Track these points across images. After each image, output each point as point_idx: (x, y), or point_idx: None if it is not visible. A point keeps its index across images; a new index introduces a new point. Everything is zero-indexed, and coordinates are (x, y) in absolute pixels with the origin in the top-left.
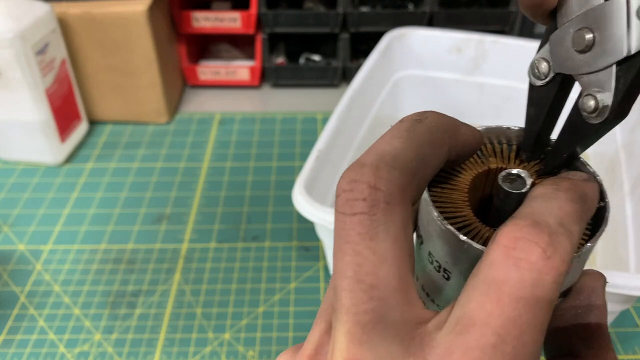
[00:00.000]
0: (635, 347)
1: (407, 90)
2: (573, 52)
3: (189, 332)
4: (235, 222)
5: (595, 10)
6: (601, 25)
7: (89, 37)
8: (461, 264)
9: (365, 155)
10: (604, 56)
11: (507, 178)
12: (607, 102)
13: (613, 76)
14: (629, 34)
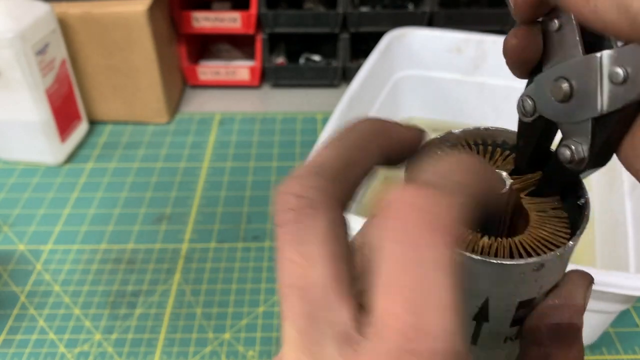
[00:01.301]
0: (635, 347)
1: (407, 90)
2: (553, 101)
3: (189, 332)
4: (236, 222)
5: (573, 62)
6: (578, 79)
7: (89, 37)
8: None
9: (297, 168)
10: (581, 109)
11: None
12: (583, 155)
13: (589, 130)
14: (601, 94)
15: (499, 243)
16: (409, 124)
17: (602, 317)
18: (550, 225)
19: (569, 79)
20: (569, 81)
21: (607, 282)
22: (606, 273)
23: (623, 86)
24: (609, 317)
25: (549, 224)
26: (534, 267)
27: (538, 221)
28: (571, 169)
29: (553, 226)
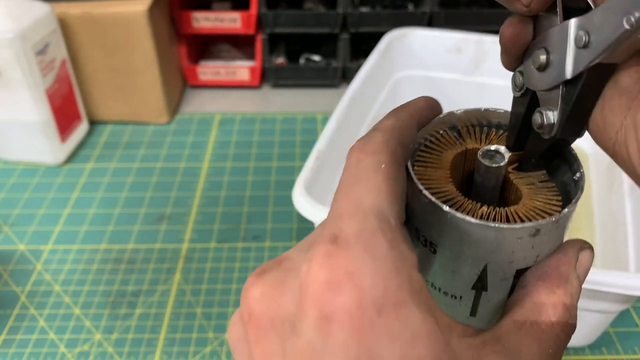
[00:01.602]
0: (635, 347)
1: (407, 91)
2: (534, 70)
3: (189, 332)
4: (236, 222)
5: (550, 32)
6: (554, 48)
7: (89, 37)
8: (446, 235)
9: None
10: (554, 76)
11: (486, 154)
12: (552, 120)
13: (559, 96)
14: (568, 58)
15: (497, 211)
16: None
17: (602, 317)
18: (542, 196)
19: (547, 47)
20: (547, 50)
21: (607, 282)
22: (606, 273)
23: (585, 50)
24: (608, 317)
25: (541, 195)
26: (530, 232)
27: (530, 193)
28: (542, 134)
29: (545, 196)
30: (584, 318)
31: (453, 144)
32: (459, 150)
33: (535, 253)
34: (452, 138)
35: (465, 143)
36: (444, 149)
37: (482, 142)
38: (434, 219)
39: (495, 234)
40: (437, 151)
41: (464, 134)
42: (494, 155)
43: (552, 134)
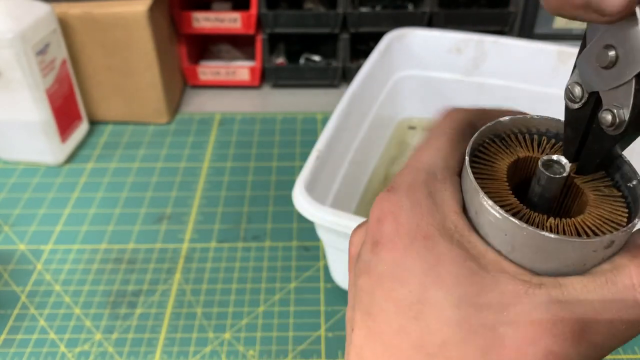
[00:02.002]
0: (635, 347)
1: (407, 91)
2: (599, 69)
3: (189, 332)
4: (236, 222)
5: (617, 27)
6: (623, 42)
7: (90, 38)
8: (518, 251)
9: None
10: (626, 70)
11: (546, 164)
12: (624, 117)
13: (632, 90)
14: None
15: (565, 223)
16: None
17: None
18: (607, 205)
19: (614, 44)
20: (615, 47)
21: None
22: None
23: None
24: None
25: (606, 203)
26: (606, 244)
27: (596, 200)
28: (612, 134)
29: (610, 205)
30: None
31: (503, 153)
32: (511, 160)
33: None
34: (501, 147)
35: (516, 152)
36: (495, 159)
37: (534, 151)
38: (505, 235)
39: (572, 248)
40: (490, 162)
41: (513, 143)
42: (552, 165)
43: (622, 129)
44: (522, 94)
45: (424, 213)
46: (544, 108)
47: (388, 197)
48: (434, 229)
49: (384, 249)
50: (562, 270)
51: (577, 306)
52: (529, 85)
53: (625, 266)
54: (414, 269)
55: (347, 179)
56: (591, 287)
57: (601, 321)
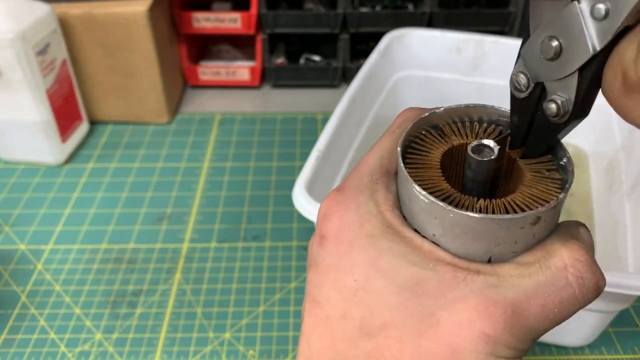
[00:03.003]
0: (635, 347)
1: (407, 91)
2: (543, 61)
3: (189, 332)
4: (236, 222)
5: (557, 18)
6: (564, 32)
7: (90, 38)
8: (449, 233)
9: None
10: (570, 63)
11: (476, 149)
12: (568, 107)
13: (575, 81)
14: (589, 35)
15: (494, 203)
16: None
17: (601, 317)
18: (542, 185)
19: (557, 35)
20: (557, 38)
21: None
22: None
23: (607, 19)
24: (608, 316)
25: (541, 184)
26: (532, 220)
27: (531, 180)
28: (556, 122)
29: (545, 185)
30: (583, 318)
31: (438, 142)
32: (445, 148)
33: (536, 240)
34: (437, 137)
35: (451, 140)
36: (431, 149)
37: (468, 137)
38: (435, 219)
39: (499, 226)
40: (425, 152)
41: (448, 132)
42: (482, 150)
43: (566, 118)
44: None
45: (367, 214)
46: None
47: (336, 196)
48: (377, 229)
49: (330, 243)
50: (493, 250)
51: (511, 291)
52: None
53: (557, 250)
54: (358, 261)
55: None
56: (525, 272)
57: (533, 304)
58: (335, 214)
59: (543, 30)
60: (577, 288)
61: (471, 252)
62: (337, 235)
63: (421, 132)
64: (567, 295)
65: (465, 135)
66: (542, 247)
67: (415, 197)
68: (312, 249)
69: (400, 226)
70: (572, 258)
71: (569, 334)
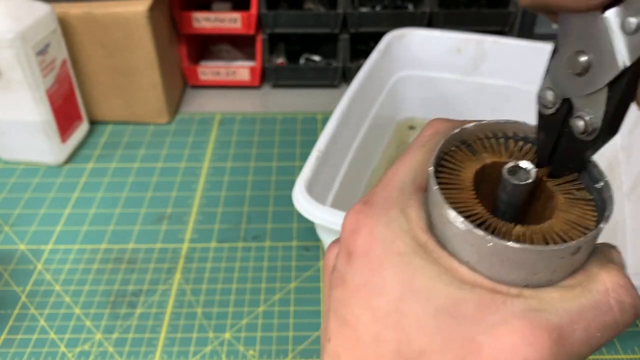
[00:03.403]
0: (635, 347)
1: (407, 91)
2: (571, 76)
3: (189, 332)
4: (236, 222)
5: (586, 32)
6: (593, 47)
7: (90, 38)
8: (486, 261)
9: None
10: (599, 77)
11: (511, 171)
12: (597, 124)
13: (604, 97)
14: (619, 49)
15: (532, 230)
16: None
17: None
18: (577, 208)
19: (585, 50)
20: (586, 53)
21: None
22: None
23: (638, 33)
24: None
25: (576, 207)
26: (572, 250)
27: (565, 204)
28: (584, 140)
29: (580, 209)
30: None
31: (470, 160)
32: (477, 166)
33: (574, 268)
34: (468, 154)
35: (483, 158)
36: (462, 167)
37: (502, 155)
38: (471, 246)
39: (538, 257)
40: (457, 170)
41: (478, 149)
42: (518, 171)
43: (595, 135)
44: (522, 94)
45: (398, 230)
46: None
47: (363, 209)
48: (408, 247)
49: (358, 259)
50: (531, 278)
51: (554, 315)
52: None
53: (597, 274)
54: (390, 281)
55: (347, 179)
56: (568, 296)
57: (577, 329)
58: (365, 228)
59: (571, 44)
60: (618, 312)
61: (507, 280)
62: (367, 251)
63: (451, 149)
64: (609, 319)
65: (499, 152)
66: (583, 271)
67: (450, 223)
68: (338, 265)
69: (435, 247)
70: (613, 282)
71: None
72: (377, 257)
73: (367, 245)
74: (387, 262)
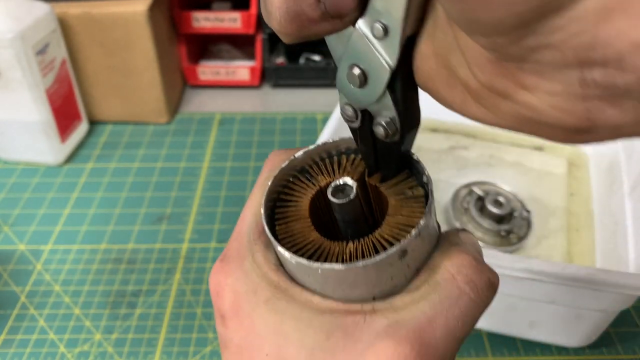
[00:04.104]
0: (635, 347)
1: None
2: (355, 89)
3: (189, 332)
4: (235, 222)
5: (350, 47)
6: (360, 58)
7: (89, 37)
8: (328, 286)
9: None
10: (378, 82)
11: (336, 191)
12: (395, 125)
13: (389, 99)
14: (380, 53)
15: (363, 244)
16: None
17: (602, 317)
18: (406, 209)
19: (356, 63)
20: (358, 65)
21: (607, 282)
22: (606, 273)
23: (388, 36)
24: (608, 317)
25: (405, 207)
26: (397, 256)
27: (395, 206)
28: (390, 142)
29: (409, 208)
30: (584, 318)
31: (306, 187)
32: (313, 193)
33: (413, 269)
34: (305, 181)
35: (318, 182)
36: (299, 197)
37: (335, 174)
38: (309, 276)
39: (366, 271)
40: (294, 201)
41: (315, 173)
42: (344, 189)
43: (398, 135)
44: None
45: (255, 278)
46: None
47: (223, 268)
48: (269, 292)
49: (231, 321)
50: (373, 291)
51: (412, 321)
52: None
53: (440, 264)
54: (263, 332)
55: None
56: (417, 297)
57: (437, 326)
58: (227, 288)
59: (344, 60)
60: (471, 292)
61: (354, 297)
62: (236, 311)
63: (289, 179)
64: (465, 303)
65: (333, 171)
66: (427, 267)
67: (284, 258)
68: (217, 329)
69: (287, 283)
70: (455, 265)
71: (569, 334)
72: (247, 314)
73: (234, 305)
74: (256, 315)
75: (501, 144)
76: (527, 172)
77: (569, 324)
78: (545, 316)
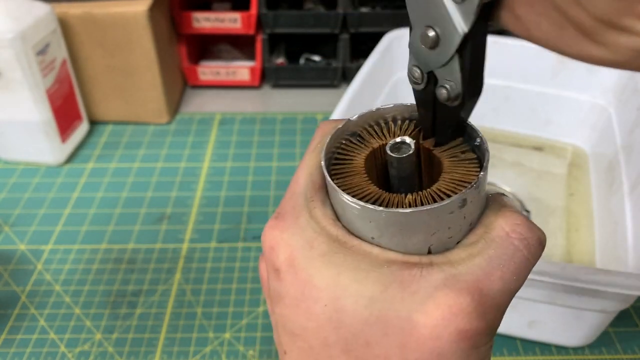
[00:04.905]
0: (635, 347)
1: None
2: (427, 51)
3: (189, 332)
4: (236, 222)
5: (428, 8)
6: (436, 20)
7: (90, 38)
8: (386, 233)
9: None
10: (449, 45)
11: (394, 148)
12: (458, 89)
13: (457, 64)
14: (455, 18)
15: (422, 196)
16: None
17: (602, 317)
18: (461, 168)
19: (432, 25)
20: (433, 27)
21: (607, 282)
22: (606, 273)
23: (466, 1)
24: (608, 316)
25: (460, 167)
26: (458, 203)
27: (450, 166)
28: (452, 106)
29: (464, 168)
30: (584, 318)
31: (359, 148)
32: (367, 152)
33: (468, 222)
34: (357, 143)
35: (371, 144)
36: (353, 156)
37: (387, 138)
38: (370, 222)
39: (429, 216)
40: (348, 160)
41: (367, 137)
42: (400, 147)
43: (460, 100)
44: (522, 94)
45: (312, 234)
46: (543, 108)
47: (276, 224)
48: (326, 246)
49: (287, 275)
50: (430, 239)
51: (469, 274)
52: (529, 85)
53: (494, 222)
54: (321, 285)
55: None
56: (474, 251)
57: (494, 280)
58: (282, 243)
59: (420, 21)
60: (525, 250)
61: (411, 247)
62: (291, 264)
63: (342, 142)
64: (519, 259)
65: (384, 136)
66: (481, 224)
67: (347, 206)
68: (271, 284)
69: (346, 237)
70: (510, 224)
71: (569, 334)
72: (302, 267)
73: (289, 259)
74: (312, 268)
75: (501, 144)
76: (526, 172)
77: (569, 324)
78: (545, 316)
